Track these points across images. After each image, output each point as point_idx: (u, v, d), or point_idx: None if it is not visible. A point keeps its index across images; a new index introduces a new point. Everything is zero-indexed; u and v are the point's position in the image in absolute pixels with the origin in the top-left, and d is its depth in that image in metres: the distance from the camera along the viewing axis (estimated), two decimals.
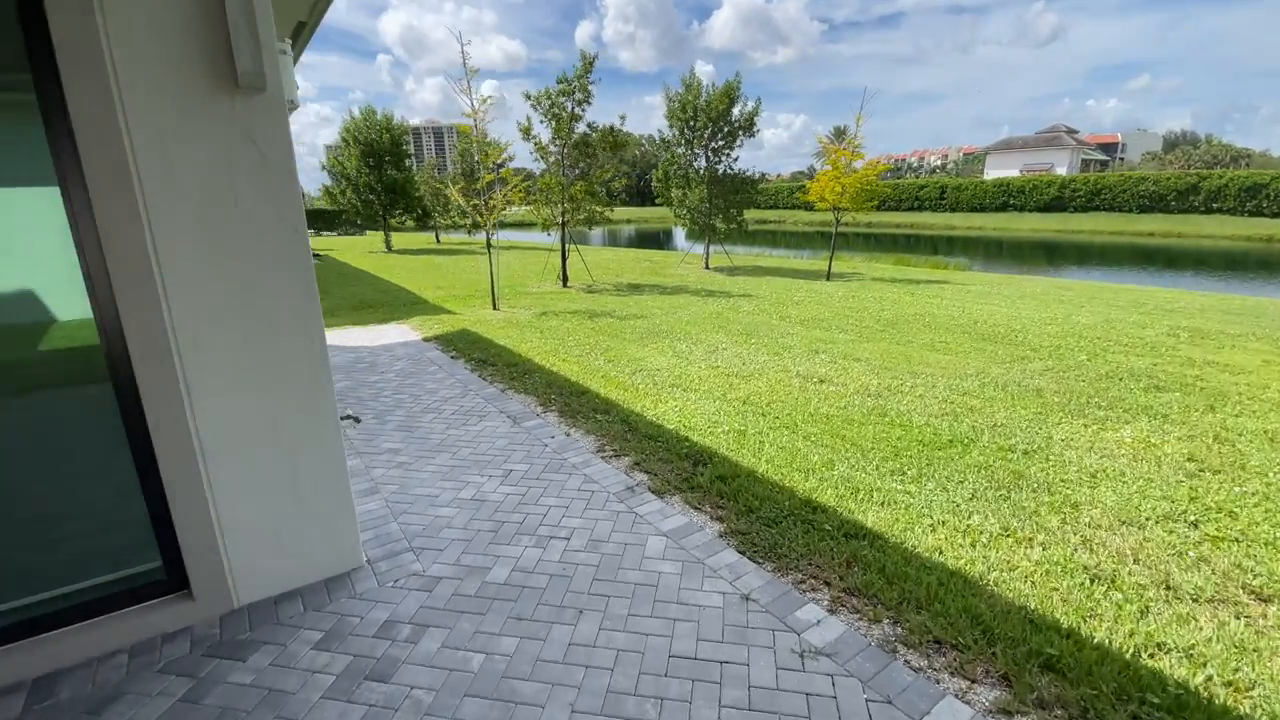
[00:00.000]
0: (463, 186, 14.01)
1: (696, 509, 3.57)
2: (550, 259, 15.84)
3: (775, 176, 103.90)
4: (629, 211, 72.19)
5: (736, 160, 17.03)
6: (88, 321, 2.26)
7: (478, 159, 11.93)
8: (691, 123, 16.75)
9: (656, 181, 18.81)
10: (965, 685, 2.25)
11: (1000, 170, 64.00)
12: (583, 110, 12.96)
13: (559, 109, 12.90)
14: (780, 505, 3.56)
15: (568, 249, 14.60)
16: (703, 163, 17.26)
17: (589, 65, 12.58)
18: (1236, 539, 3.25)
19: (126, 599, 2.51)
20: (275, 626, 2.59)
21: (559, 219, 13.84)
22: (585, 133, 13.39)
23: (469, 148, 11.59)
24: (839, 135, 28.24)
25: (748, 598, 2.74)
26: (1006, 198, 49.09)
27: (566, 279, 14.47)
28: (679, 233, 40.15)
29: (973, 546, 3.17)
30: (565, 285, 14.24)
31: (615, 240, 41.05)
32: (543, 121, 13.12)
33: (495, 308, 10.95)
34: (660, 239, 41.01)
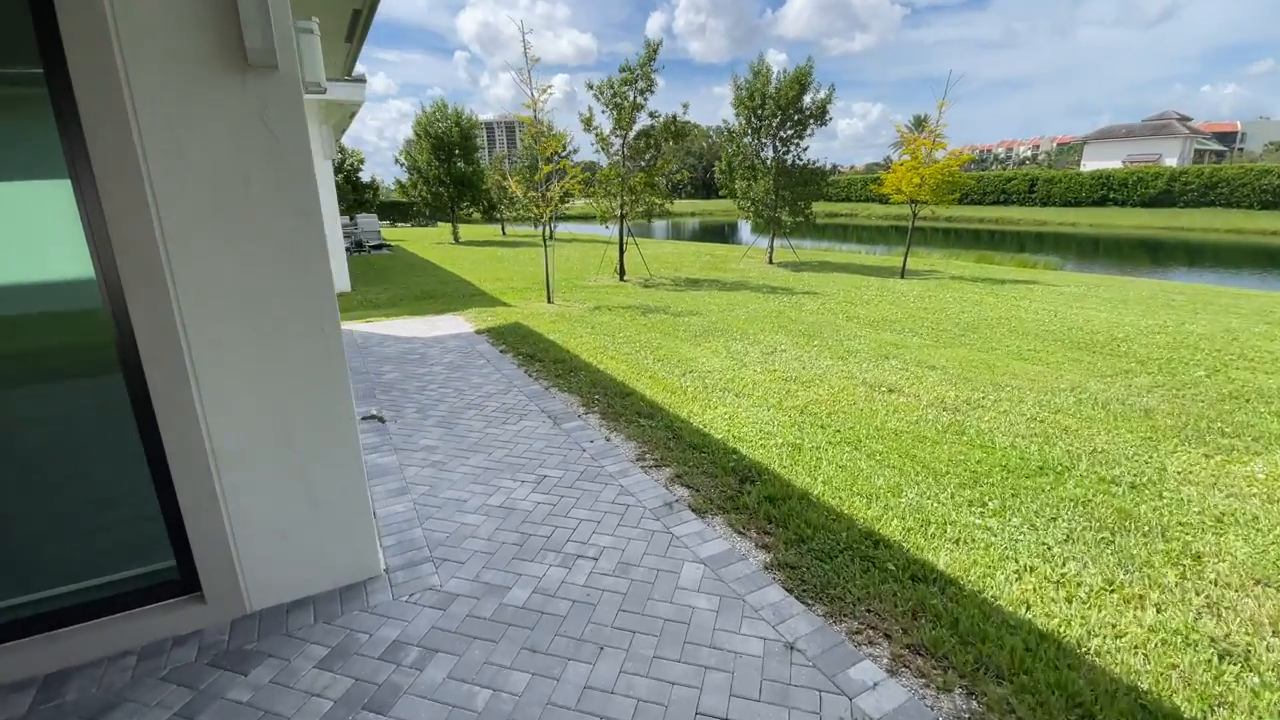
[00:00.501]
0: (522, 178, 14.02)
1: (740, 534, 3.22)
2: (608, 252, 15.64)
3: (849, 168, 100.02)
4: (692, 204, 71.36)
5: (806, 150, 16.21)
6: (97, 311, 2.18)
7: (537, 150, 11.84)
8: (759, 111, 16.00)
9: (719, 173, 18.20)
10: None
11: (1099, 162, 58.77)
12: (645, 99, 12.64)
13: (621, 98, 12.63)
14: (836, 536, 3.16)
15: (625, 242, 14.37)
16: (770, 153, 16.51)
17: (653, 52, 12.27)
18: None
19: (139, 598, 2.45)
20: (283, 638, 2.47)
21: (617, 211, 13.61)
22: (648, 124, 13.07)
23: (533, 140, 11.49)
24: (919, 125, 26.61)
25: (793, 646, 2.39)
26: (1106, 191, 44.92)
27: (624, 273, 14.25)
28: (744, 226, 39.24)
29: (1068, 602, 2.67)
30: (622, 279, 14.01)
31: (679, 233, 40.48)
32: (604, 111, 12.91)
33: (549, 301, 10.86)
34: (725, 232, 40.14)
